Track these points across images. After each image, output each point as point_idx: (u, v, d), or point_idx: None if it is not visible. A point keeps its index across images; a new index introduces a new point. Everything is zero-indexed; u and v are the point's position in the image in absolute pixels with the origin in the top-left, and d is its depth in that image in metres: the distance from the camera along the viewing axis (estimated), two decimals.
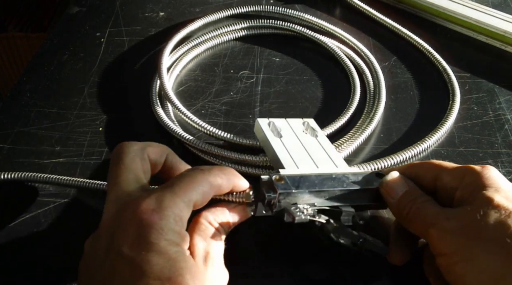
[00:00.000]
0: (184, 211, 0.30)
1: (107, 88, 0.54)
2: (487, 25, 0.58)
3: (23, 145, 0.47)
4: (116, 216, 0.30)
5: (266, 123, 0.42)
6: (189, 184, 0.30)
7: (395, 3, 0.66)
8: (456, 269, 0.29)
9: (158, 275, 0.27)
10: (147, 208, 0.28)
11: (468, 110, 0.50)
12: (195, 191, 0.30)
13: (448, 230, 0.30)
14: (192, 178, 0.31)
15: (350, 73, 0.54)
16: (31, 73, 0.56)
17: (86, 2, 0.67)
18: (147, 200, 0.29)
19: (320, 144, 0.41)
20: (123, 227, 0.29)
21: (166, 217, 0.28)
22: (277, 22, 0.59)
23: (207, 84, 0.54)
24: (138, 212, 0.28)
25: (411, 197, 0.33)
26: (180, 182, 0.30)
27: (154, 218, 0.28)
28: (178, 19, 0.64)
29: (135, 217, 0.28)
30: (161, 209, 0.29)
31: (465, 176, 0.33)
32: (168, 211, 0.29)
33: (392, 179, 0.35)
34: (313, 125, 0.43)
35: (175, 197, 0.29)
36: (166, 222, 0.28)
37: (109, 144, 0.47)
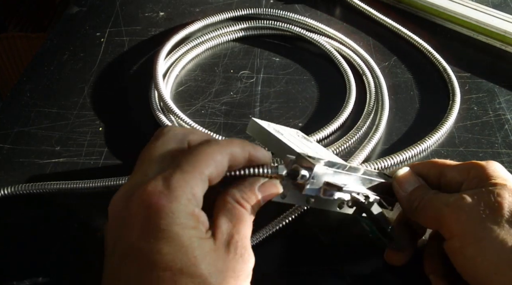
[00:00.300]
0: (197, 188, 0.26)
1: (107, 88, 0.54)
2: (487, 25, 0.58)
3: (23, 145, 0.47)
4: (123, 205, 0.26)
5: (262, 121, 0.41)
6: (199, 157, 0.27)
7: (395, 3, 0.65)
8: (468, 251, 0.29)
9: (169, 265, 0.24)
10: (154, 191, 0.25)
11: (468, 110, 0.50)
12: (206, 163, 0.27)
13: (463, 207, 0.30)
14: (200, 151, 0.27)
15: (346, 74, 0.53)
16: (31, 73, 0.56)
17: (86, 2, 0.67)
18: (153, 182, 0.26)
19: (319, 149, 0.41)
20: (129, 216, 0.26)
21: (176, 198, 0.25)
22: (277, 23, 0.59)
23: (207, 84, 0.54)
24: (144, 196, 0.25)
25: (421, 191, 0.34)
26: (188, 158, 0.27)
27: (162, 201, 0.25)
28: (178, 19, 0.64)
29: (142, 203, 0.25)
30: (170, 190, 0.25)
31: (471, 170, 0.33)
32: (177, 191, 0.25)
33: (404, 174, 0.35)
34: (304, 136, 0.43)
35: (184, 174, 0.26)
36: (176, 204, 0.25)
37: (109, 144, 0.47)
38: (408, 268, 0.36)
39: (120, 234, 0.26)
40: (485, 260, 0.28)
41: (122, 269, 0.25)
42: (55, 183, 0.42)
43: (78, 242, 0.38)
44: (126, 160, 0.46)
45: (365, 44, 0.59)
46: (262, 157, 0.30)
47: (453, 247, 0.30)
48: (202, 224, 0.26)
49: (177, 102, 0.52)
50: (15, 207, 0.41)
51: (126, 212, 0.26)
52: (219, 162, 0.27)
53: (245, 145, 0.29)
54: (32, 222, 0.40)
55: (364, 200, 0.32)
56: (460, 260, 0.30)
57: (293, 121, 0.49)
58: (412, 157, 0.45)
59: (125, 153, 0.46)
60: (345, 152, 0.46)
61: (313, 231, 0.39)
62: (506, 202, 0.29)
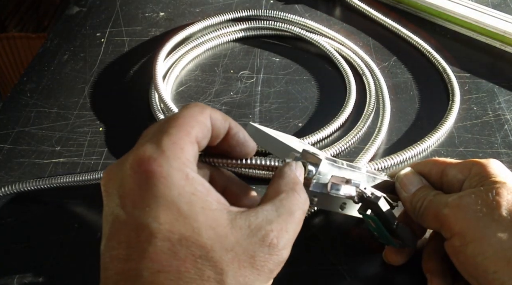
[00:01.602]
0: (188, 149, 0.25)
1: (107, 88, 0.54)
2: (487, 26, 0.58)
3: (23, 145, 0.47)
4: (115, 175, 0.25)
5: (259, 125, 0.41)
6: (182, 120, 0.26)
7: (395, 3, 0.66)
8: (468, 249, 0.29)
9: (167, 235, 0.23)
10: (143, 157, 0.24)
11: (468, 110, 0.50)
12: (190, 124, 0.26)
13: (462, 206, 0.30)
14: (182, 114, 0.26)
15: (346, 74, 0.54)
16: (31, 73, 0.56)
17: (86, 2, 0.67)
18: (142, 148, 0.24)
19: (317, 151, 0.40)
20: (122, 186, 0.24)
21: (168, 161, 0.24)
22: (277, 24, 0.60)
23: (207, 84, 0.54)
24: (135, 164, 0.24)
25: (423, 192, 0.34)
26: (172, 121, 0.26)
27: (154, 166, 0.23)
28: (178, 19, 0.64)
29: (133, 171, 0.24)
30: (160, 154, 0.24)
31: (472, 168, 0.33)
32: (168, 153, 0.24)
33: (406, 174, 0.35)
34: (301, 141, 0.43)
35: (172, 137, 0.25)
36: (169, 169, 0.23)
37: (109, 144, 0.47)
38: (407, 267, 0.36)
39: (115, 205, 0.24)
40: (485, 258, 0.28)
41: (119, 240, 0.23)
42: (52, 179, 0.42)
43: (78, 242, 0.39)
44: None
45: (365, 45, 0.59)
46: (242, 134, 0.29)
47: (453, 247, 0.30)
48: (203, 187, 0.24)
49: (177, 102, 0.52)
50: (16, 205, 0.42)
51: (118, 183, 0.24)
52: (202, 122, 0.26)
53: (226, 116, 0.28)
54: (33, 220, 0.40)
55: (371, 195, 0.32)
56: (461, 259, 0.30)
57: (293, 121, 0.49)
58: (412, 157, 0.45)
59: (125, 153, 0.46)
60: (346, 152, 0.46)
61: (312, 231, 0.39)
62: (504, 201, 0.29)
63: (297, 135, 0.48)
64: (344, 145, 0.46)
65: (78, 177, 0.41)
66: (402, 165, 0.44)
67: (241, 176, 0.44)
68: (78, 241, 0.39)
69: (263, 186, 0.43)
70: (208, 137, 0.27)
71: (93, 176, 0.40)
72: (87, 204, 0.42)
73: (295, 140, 0.41)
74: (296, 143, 0.39)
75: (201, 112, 0.27)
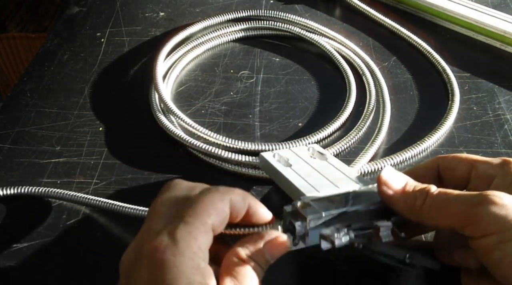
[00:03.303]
0: (202, 239, 0.26)
1: (107, 88, 0.54)
2: (487, 25, 0.58)
3: (23, 145, 0.47)
4: (131, 263, 0.26)
5: (271, 155, 0.40)
6: (200, 207, 0.27)
7: (395, 3, 0.66)
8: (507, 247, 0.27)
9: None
10: (159, 245, 0.25)
11: (468, 110, 0.50)
12: (207, 212, 0.26)
13: (503, 204, 0.28)
14: (201, 200, 0.27)
15: (346, 74, 0.54)
16: (31, 73, 0.56)
17: (86, 2, 0.67)
18: (159, 237, 0.25)
19: (333, 165, 0.39)
20: (136, 272, 0.25)
21: (180, 251, 0.25)
22: (276, 24, 0.60)
23: (207, 84, 0.54)
24: (150, 250, 0.25)
25: (418, 187, 0.31)
26: (190, 208, 0.27)
27: (167, 255, 0.25)
28: (178, 19, 0.64)
29: (148, 257, 0.25)
30: (174, 244, 0.25)
31: (504, 166, 0.32)
32: (182, 244, 0.25)
33: (386, 172, 0.32)
34: (319, 149, 0.42)
35: (187, 226, 0.26)
36: (181, 257, 0.25)
37: (109, 144, 0.47)
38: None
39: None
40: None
41: None
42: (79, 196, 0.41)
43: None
44: (126, 160, 0.46)
45: (365, 45, 0.59)
46: (261, 212, 0.29)
47: (487, 245, 0.29)
48: (209, 280, 0.25)
49: (177, 102, 0.52)
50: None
51: (134, 269, 0.26)
52: (221, 210, 0.27)
53: (246, 196, 0.29)
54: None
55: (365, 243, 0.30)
56: (496, 257, 0.28)
57: (293, 121, 0.49)
58: (412, 157, 0.45)
59: (125, 153, 0.46)
60: (346, 152, 0.46)
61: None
62: None
63: (297, 135, 0.48)
64: (344, 145, 0.46)
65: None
66: (402, 165, 0.45)
67: (240, 176, 0.44)
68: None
69: (263, 186, 0.43)
70: (225, 223, 0.28)
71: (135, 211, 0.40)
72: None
73: (311, 155, 0.41)
74: (309, 162, 0.39)
75: (221, 199, 0.27)
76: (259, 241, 0.29)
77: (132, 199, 0.42)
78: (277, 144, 0.45)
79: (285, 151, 0.42)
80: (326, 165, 0.39)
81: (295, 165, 0.38)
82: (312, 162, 0.39)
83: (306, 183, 0.35)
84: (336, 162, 0.39)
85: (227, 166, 0.44)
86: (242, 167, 0.44)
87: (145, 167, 0.45)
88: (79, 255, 0.38)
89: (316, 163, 0.39)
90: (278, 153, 0.41)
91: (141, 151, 0.47)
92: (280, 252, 0.29)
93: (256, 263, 0.28)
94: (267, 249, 0.29)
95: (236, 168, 0.44)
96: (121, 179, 0.44)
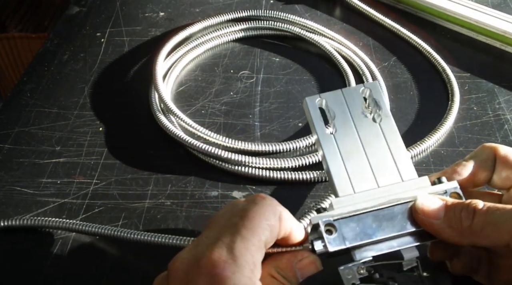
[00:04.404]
0: (258, 256, 0.26)
1: (107, 88, 0.54)
2: (487, 26, 0.58)
3: (23, 145, 0.47)
4: (187, 271, 0.26)
5: (315, 104, 0.35)
6: (256, 221, 0.26)
7: (395, 3, 0.66)
8: None
9: None
10: (219, 261, 0.25)
11: (468, 110, 0.50)
12: (262, 227, 0.26)
13: None
14: (256, 211, 0.27)
15: (346, 74, 0.53)
16: (31, 73, 0.56)
17: (86, 2, 0.67)
18: (217, 250, 0.25)
19: (384, 135, 0.34)
20: (194, 282, 0.25)
21: (240, 269, 0.25)
22: (276, 24, 0.59)
23: (207, 84, 0.54)
24: (209, 266, 0.25)
25: (458, 207, 0.29)
26: (246, 219, 0.26)
27: (227, 272, 0.25)
28: (178, 19, 0.64)
29: (206, 272, 0.25)
30: (234, 260, 0.25)
31: None
32: (241, 260, 0.25)
33: (422, 198, 0.30)
34: (376, 95, 0.35)
35: (245, 241, 0.26)
36: (240, 275, 0.25)
37: (109, 144, 0.47)
38: None
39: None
40: None
41: None
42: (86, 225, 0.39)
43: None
44: (126, 160, 0.46)
45: (365, 45, 0.59)
46: (296, 230, 0.29)
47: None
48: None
49: (177, 102, 0.52)
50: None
51: (190, 279, 0.25)
52: (273, 227, 0.27)
53: (291, 215, 0.29)
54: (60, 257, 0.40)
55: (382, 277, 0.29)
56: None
57: (293, 121, 0.49)
58: (412, 157, 0.45)
59: (125, 153, 0.46)
60: None
61: None
62: None
63: (297, 135, 0.48)
64: None
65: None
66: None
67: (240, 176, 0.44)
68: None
69: (263, 186, 0.43)
70: (274, 240, 0.28)
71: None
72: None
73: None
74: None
75: (274, 212, 0.27)
76: (292, 259, 0.29)
77: (132, 199, 0.42)
78: (277, 144, 0.45)
79: (335, 94, 0.35)
80: (376, 134, 0.34)
81: (340, 129, 0.34)
82: (361, 125, 0.34)
83: (344, 171, 0.32)
84: (388, 128, 0.34)
85: (227, 166, 0.44)
86: (242, 167, 0.44)
87: (145, 167, 0.45)
88: None
89: (365, 128, 0.34)
90: (325, 98, 0.35)
91: (141, 151, 0.47)
92: (310, 272, 0.29)
93: (287, 280, 0.28)
94: (298, 268, 0.29)
95: (236, 168, 0.44)
96: (121, 179, 0.44)
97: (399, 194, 0.31)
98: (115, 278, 0.37)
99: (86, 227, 0.39)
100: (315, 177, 0.43)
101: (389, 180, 0.32)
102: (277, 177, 0.43)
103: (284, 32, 0.60)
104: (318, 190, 0.43)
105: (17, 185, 0.43)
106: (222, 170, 0.44)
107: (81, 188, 0.43)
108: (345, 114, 0.34)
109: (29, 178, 0.44)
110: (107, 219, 0.40)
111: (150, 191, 0.43)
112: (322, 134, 0.34)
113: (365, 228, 0.29)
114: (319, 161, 0.44)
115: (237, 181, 0.44)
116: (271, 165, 0.44)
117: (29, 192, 0.43)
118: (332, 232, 0.29)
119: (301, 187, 0.43)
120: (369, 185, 0.32)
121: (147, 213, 0.41)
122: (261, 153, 0.45)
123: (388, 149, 0.33)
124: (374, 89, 0.35)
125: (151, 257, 0.37)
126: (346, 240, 0.29)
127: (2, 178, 0.44)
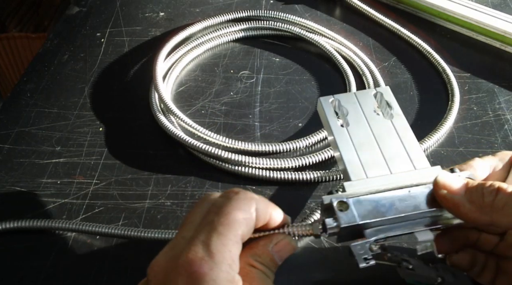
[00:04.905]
0: (235, 250, 0.26)
1: (107, 88, 0.54)
2: (487, 26, 0.58)
3: (23, 145, 0.47)
4: (164, 272, 0.26)
5: (329, 103, 0.36)
6: (232, 217, 0.26)
7: (395, 3, 0.66)
8: None
9: None
10: (195, 258, 0.25)
11: (468, 110, 0.50)
12: (238, 222, 0.26)
13: None
14: (231, 207, 0.27)
15: (346, 74, 0.54)
16: (31, 73, 0.56)
17: (86, 2, 0.67)
18: (194, 249, 0.25)
19: (396, 130, 0.35)
20: (172, 281, 0.25)
21: (218, 265, 0.25)
22: (276, 24, 0.59)
23: (207, 84, 0.54)
24: (186, 262, 0.25)
25: (481, 186, 0.28)
26: (221, 215, 0.26)
27: (205, 269, 0.25)
28: (178, 20, 0.64)
29: (184, 269, 0.25)
30: (211, 257, 0.25)
31: None
32: (218, 257, 0.25)
33: (443, 175, 0.30)
34: (388, 98, 0.36)
35: (222, 237, 0.26)
36: (218, 271, 0.25)
37: (109, 144, 0.47)
38: None
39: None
40: None
41: None
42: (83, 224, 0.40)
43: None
44: (126, 160, 0.46)
45: (365, 45, 0.59)
46: (275, 215, 0.29)
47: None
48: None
49: (178, 102, 0.52)
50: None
51: (169, 279, 0.25)
52: (249, 220, 0.27)
53: (268, 204, 0.29)
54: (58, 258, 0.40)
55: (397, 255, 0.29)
56: None
57: (293, 121, 0.49)
58: None
59: (125, 153, 0.46)
60: None
61: None
62: None
63: (297, 135, 0.48)
64: None
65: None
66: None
67: (240, 177, 0.44)
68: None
69: (263, 186, 0.43)
70: (251, 232, 0.28)
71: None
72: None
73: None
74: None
75: (249, 205, 0.27)
76: (267, 244, 0.29)
77: (132, 199, 0.42)
78: (277, 144, 0.45)
79: (348, 95, 0.37)
80: (388, 129, 0.35)
81: (352, 124, 0.35)
82: (373, 121, 0.35)
83: (357, 157, 0.32)
84: (400, 125, 0.35)
85: (227, 166, 0.44)
86: (242, 167, 0.44)
87: (145, 167, 0.45)
88: None
89: (377, 124, 0.35)
90: (338, 99, 0.36)
91: (141, 151, 0.47)
92: (288, 253, 0.29)
93: (265, 266, 0.28)
94: (274, 252, 0.29)
95: (236, 168, 0.44)
96: (121, 179, 0.44)
97: (412, 180, 0.31)
98: (115, 278, 0.37)
99: (86, 227, 0.39)
100: (315, 177, 0.43)
101: (402, 168, 0.32)
102: (277, 177, 0.43)
103: (284, 32, 0.60)
104: (318, 191, 0.43)
105: (17, 185, 0.43)
106: (222, 170, 0.44)
107: (81, 188, 0.43)
108: (357, 111, 0.36)
109: (29, 178, 0.44)
110: (107, 219, 0.41)
111: (150, 191, 0.43)
112: (335, 126, 0.34)
113: (378, 207, 0.29)
114: (319, 161, 0.44)
115: (237, 181, 0.44)
116: (271, 165, 0.44)
117: (29, 192, 0.43)
118: (343, 209, 0.29)
119: (301, 187, 0.43)
120: (382, 171, 0.32)
121: (147, 213, 0.41)
122: (261, 153, 0.46)
123: (400, 142, 0.34)
124: (386, 92, 0.37)
125: (151, 257, 0.37)
126: (359, 217, 0.28)
127: (2, 178, 0.44)
